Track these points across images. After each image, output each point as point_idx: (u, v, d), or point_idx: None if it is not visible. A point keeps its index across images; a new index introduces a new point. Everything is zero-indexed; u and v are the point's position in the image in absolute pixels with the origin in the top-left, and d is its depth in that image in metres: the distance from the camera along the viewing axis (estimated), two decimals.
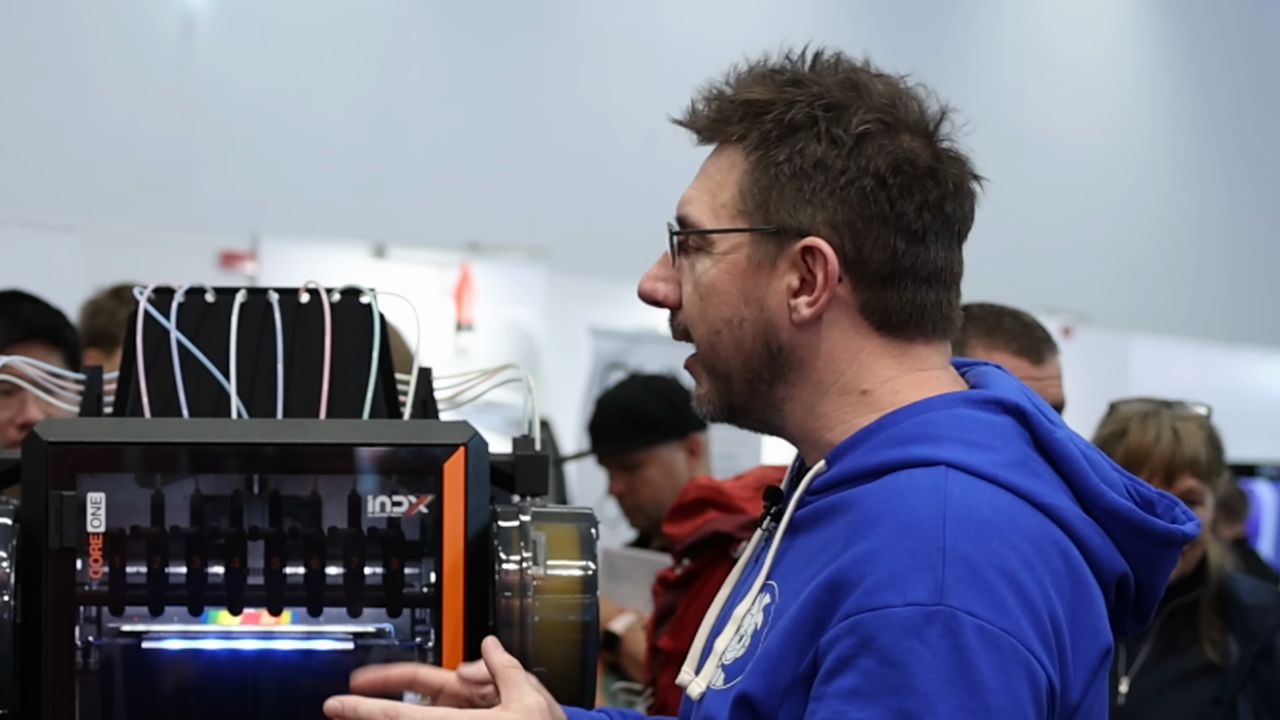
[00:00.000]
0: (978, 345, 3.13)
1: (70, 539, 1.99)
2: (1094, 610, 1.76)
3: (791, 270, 1.81)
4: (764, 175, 1.82)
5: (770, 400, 1.85)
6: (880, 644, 1.65)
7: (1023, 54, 11.80)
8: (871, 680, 1.65)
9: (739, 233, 1.83)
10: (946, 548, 1.67)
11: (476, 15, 9.25)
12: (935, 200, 1.82)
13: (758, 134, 1.82)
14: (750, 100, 1.83)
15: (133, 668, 2.09)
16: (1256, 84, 13.22)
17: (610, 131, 9.58)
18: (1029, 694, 1.66)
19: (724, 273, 1.83)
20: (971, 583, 1.66)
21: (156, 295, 2.18)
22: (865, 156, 1.80)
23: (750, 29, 9.76)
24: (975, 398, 1.82)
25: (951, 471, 1.73)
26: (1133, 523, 1.81)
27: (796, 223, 1.80)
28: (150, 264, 7.23)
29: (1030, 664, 1.67)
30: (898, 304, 1.82)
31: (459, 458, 2.01)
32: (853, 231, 1.80)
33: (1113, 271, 11.94)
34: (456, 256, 8.44)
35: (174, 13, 8.28)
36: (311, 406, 2.13)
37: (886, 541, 1.69)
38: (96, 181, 7.95)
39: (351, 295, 2.21)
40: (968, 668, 1.64)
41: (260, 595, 2.04)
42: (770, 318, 1.82)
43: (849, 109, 1.81)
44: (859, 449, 1.80)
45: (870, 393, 1.83)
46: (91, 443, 2.01)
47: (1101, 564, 1.79)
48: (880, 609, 1.66)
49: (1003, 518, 1.71)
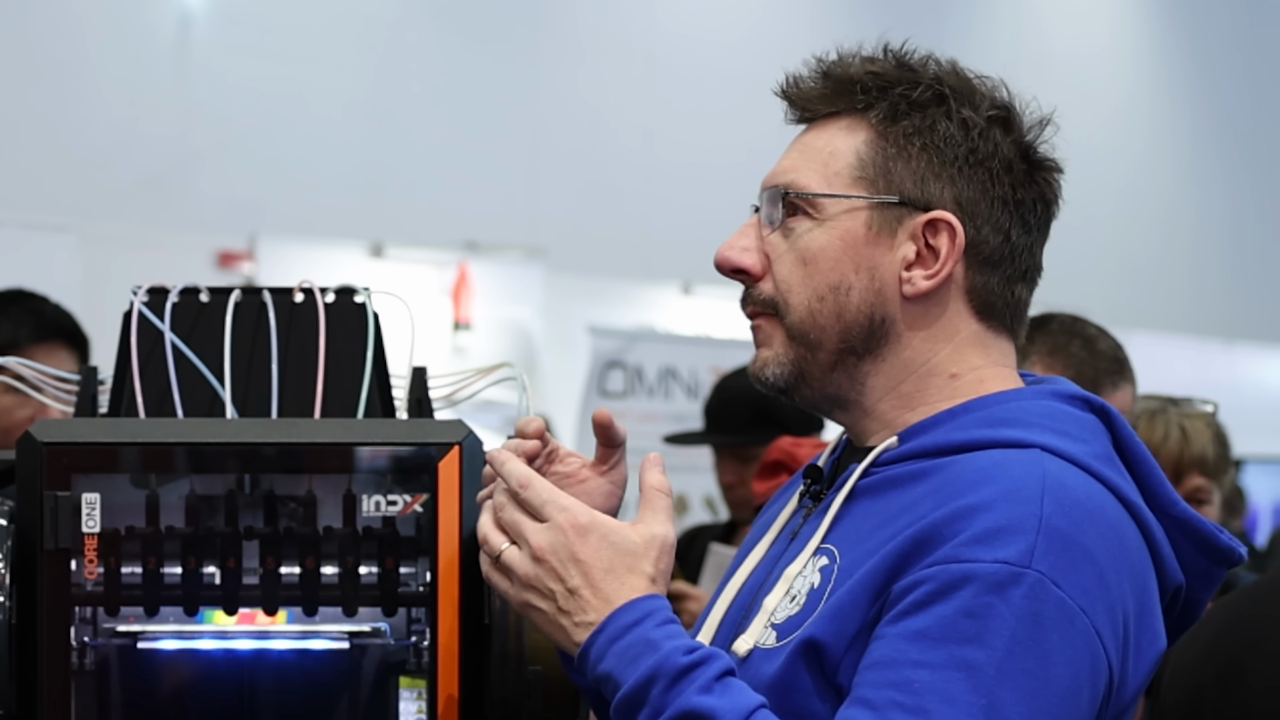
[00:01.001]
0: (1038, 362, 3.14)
1: (65, 540, 1.99)
2: (1156, 612, 1.76)
3: (910, 242, 1.81)
4: (891, 145, 1.82)
5: (854, 374, 1.84)
6: (961, 594, 1.64)
7: (1019, 51, 11.80)
8: (943, 626, 1.63)
9: (858, 199, 1.81)
10: (1044, 516, 1.66)
11: (474, 15, 9.24)
12: (1050, 197, 1.87)
13: (886, 104, 1.83)
14: (876, 73, 1.83)
15: (128, 668, 2.08)
16: (1254, 80, 13.22)
17: (608, 130, 9.58)
18: (1088, 677, 1.65)
19: (836, 238, 1.82)
20: (1061, 554, 1.65)
21: (151, 295, 2.18)
22: (994, 141, 1.82)
23: (748, 28, 9.77)
24: (1063, 392, 1.83)
25: (1046, 454, 1.73)
26: (1200, 535, 1.80)
27: (923, 195, 1.81)
28: (147, 264, 7.24)
29: (1096, 649, 1.66)
30: (1000, 292, 1.84)
31: (454, 456, 2.01)
32: (975, 211, 1.81)
33: (1110, 268, 11.94)
34: (454, 256, 8.44)
35: (171, 13, 8.27)
36: (306, 406, 2.13)
37: (984, 500, 1.67)
38: (94, 182, 7.95)
39: (346, 295, 2.21)
40: (1040, 634, 1.63)
41: (255, 595, 2.04)
42: (881, 287, 1.81)
43: (974, 94, 1.83)
44: (941, 428, 1.79)
45: (958, 378, 1.83)
46: (86, 443, 2.01)
47: (1167, 570, 1.78)
48: (968, 561, 1.65)
49: (1094, 502, 1.71)
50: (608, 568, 1.74)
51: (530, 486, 1.78)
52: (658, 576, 1.75)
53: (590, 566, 1.74)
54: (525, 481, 1.79)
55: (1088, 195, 11.92)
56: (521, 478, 1.79)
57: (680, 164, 9.29)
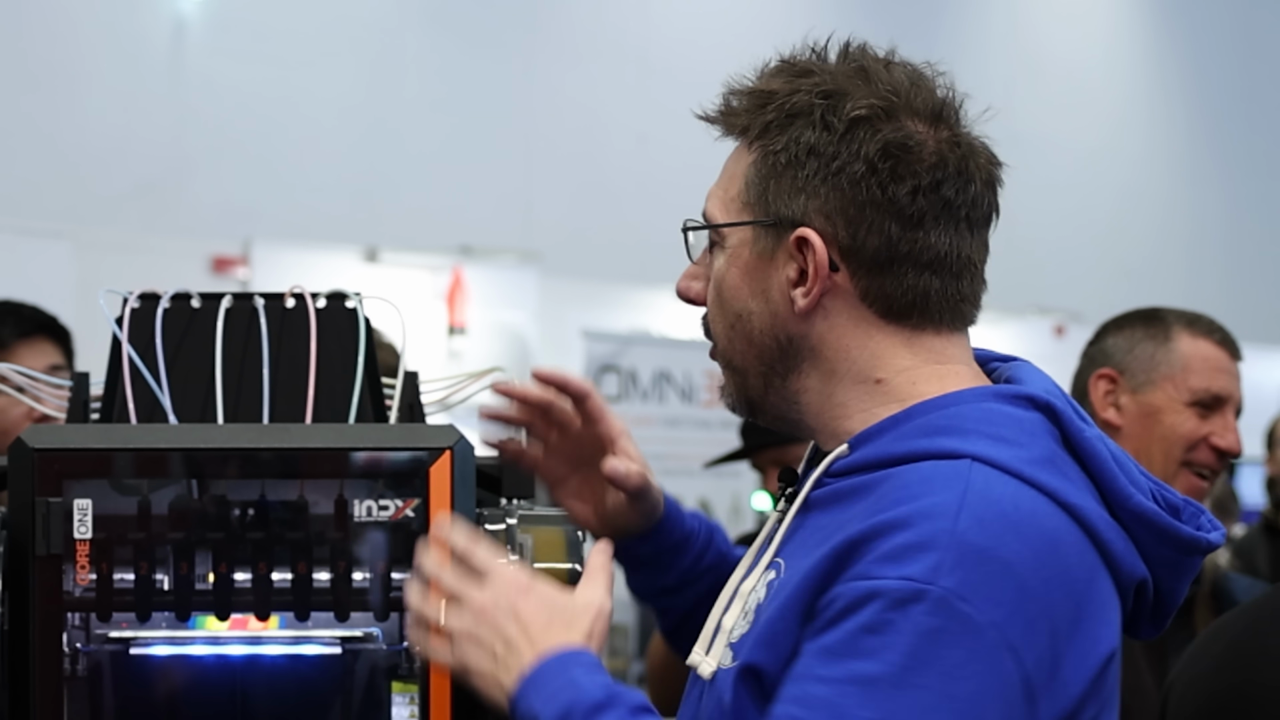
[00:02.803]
0: (1183, 332, 3.27)
1: (57, 546, 1.99)
2: (1104, 614, 1.74)
3: (790, 261, 1.81)
4: (764, 165, 1.81)
5: (785, 393, 1.85)
6: (865, 610, 1.64)
7: (1014, 53, 11.81)
8: (845, 642, 1.65)
9: (743, 226, 1.83)
10: (956, 532, 1.66)
11: (468, 20, 9.25)
12: (930, 184, 1.79)
13: (760, 124, 1.82)
14: (756, 91, 1.83)
15: (120, 674, 2.08)
16: (1248, 82, 13.23)
17: (602, 134, 9.58)
18: (998, 692, 1.65)
19: (734, 267, 1.84)
20: (971, 569, 1.65)
21: (142, 301, 2.18)
22: (857, 141, 1.78)
23: (741, 31, 9.77)
24: (1005, 393, 1.80)
25: (976, 464, 1.72)
26: (1158, 527, 1.79)
27: (791, 213, 1.80)
28: (142, 270, 7.24)
29: (1007, 661, 1.65)
30: (898, 290, 1.80)
31: (445, 461, 2.01)
32: (846, 218, 1.78)
33: (1106, 270, 11.94)
34: (448, 260, 8.45)
35: (165, 19, 8.27)
36: (297, 411, 2.13)
37: (900, 517, 1.67)
38: (88, 188, 7.95)
39: (337, 300, 2.20)
40: (940, 650, 1.63)
41: (248, 600, 2.04)
42: (775, 310, 1.82)
43: (847, 95, 1.79)
44: (885, 436, 1.78)
45: (885, 382, 1.82)
46: (78, 449, 2.01)
47: (1122, 567, 1.77)
48: (876, 578, 1.65)
49: (1022, 513, 1.70)
50: (545, 624, 1.77)
51: (475, 553, 1.82)
52: (593, 637, 1.78)
53: (529, 622, 1.77)
54: (471, 548, 1.82)
55: (1083, 198, 11.93)
56: (467, 544, 1.83)
57: (674, 168, 9.28)
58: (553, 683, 1.73)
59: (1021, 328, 10.72)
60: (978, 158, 1.84)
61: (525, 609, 1.78)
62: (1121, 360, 3.31)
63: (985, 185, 1.84)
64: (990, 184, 1.85)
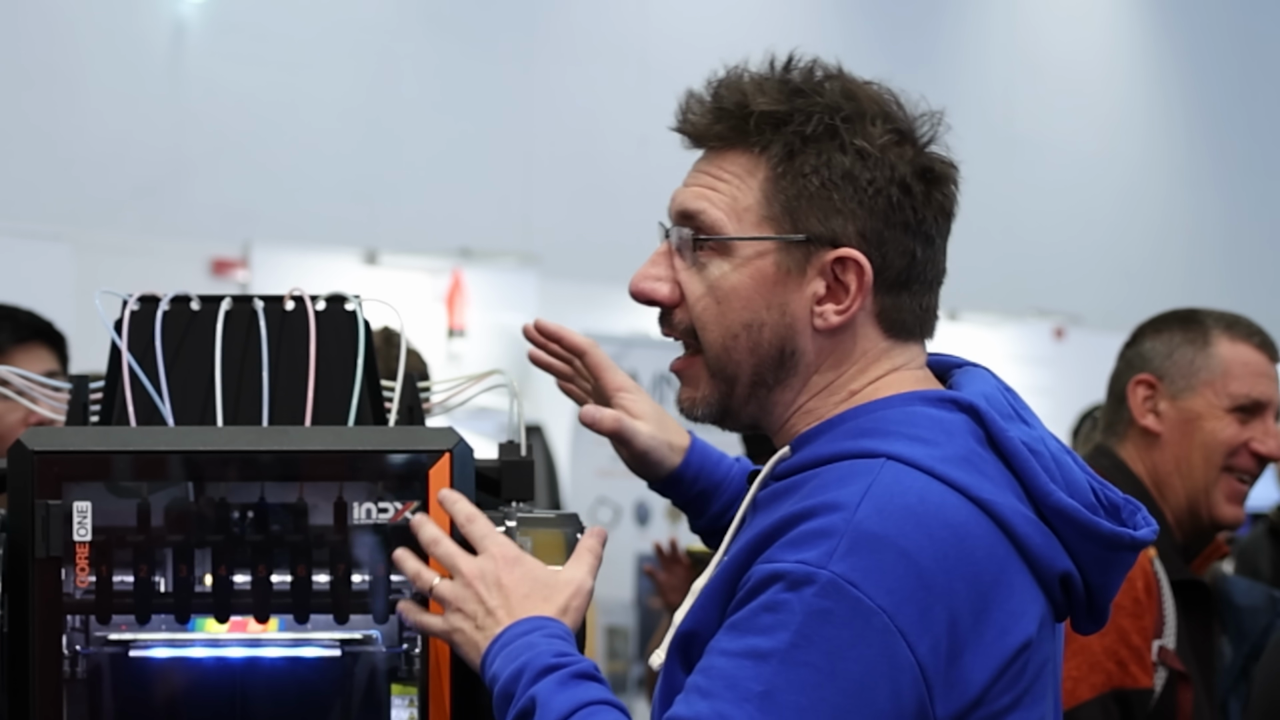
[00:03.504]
0: (1222, 336, 3.28)
1: (56, 548, 1.99)
2: (1016, 605, 1.80)
3: (819, 278, 1.87)
4: (791, 185, 1.86)
5: (764, 402, 1.92)
6: (767, 591, 1.74)
7: (1014, 55, 11.81)
8: (747, 618, 1.75)
9: (766, 240, 1.87)
10: (854, 522, 1.75)
11: (467, 22, 9.25)
12: (947, 205, 1.90)
13: (781, 144, 1.87)
14: (767, 111, 1.87)
15: (120, 677, 2.08)
16: (1248, 85, 13.24)
17: (602, 137, 9.59)
18: (886, 674, 1.72)
19: (747, 278, 1.88)
20: (864, 556, 1.73)
21: (142, 304, 2.18)
22: (889, 166, 1.86)
23: (741, 33, 9.77)
24: (932, 396, 1.88)
25: (889, 463, 1.80)
26: (1078, 522, 1.84)
27: (828, 232, 1.86)
28: (141, 272, 7.24)
29: (897, 647, 1.73)
30: (908, 309, 1.90)
31: (444, 464, 2.02)
32: (879, 240, 1.86)
33: (1105, 273, 11.95)
34: (448, 263, 8.45)
35: (165, 21, 8.28)
36: (297, 414, 2.13)
37: (809, 508, 1.77)
38: (87, 190, 7.95)
39: (337, 302, 2.21)
40: (828, 630, 1.72)
41: (247, 603, 2.04)
42: (791, 323, 1.88)
43: (864, 119, 1.86)
44: (821, 439, 1.88)
45: (857, 393, 1.90)
46: (77, 451, 2.01)
47: (1040, 561, 1.82)
48: (778, 562, 1.75)
49: (928, 505, 1.77)
50: (526, 594, 1.91)
51: (475, 521, 1.96)
52: (569, 612, 1.91)
53: (511, 592, 1.91)
54: (470, 516, 1.96)
55: (1082, 200, 11.94)
56: (467, 513, 1.96)
57: (674, 170, 9.25)
58: (515, 645, 1.86)
59: (1021, 330, 10.72)
60: (957, 173, 1.93)
61: (508, 580, 1.91)
62: (1160, 365, 3.32)
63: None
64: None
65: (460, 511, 1.97)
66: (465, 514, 1.96)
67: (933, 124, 1.90)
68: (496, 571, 1.91)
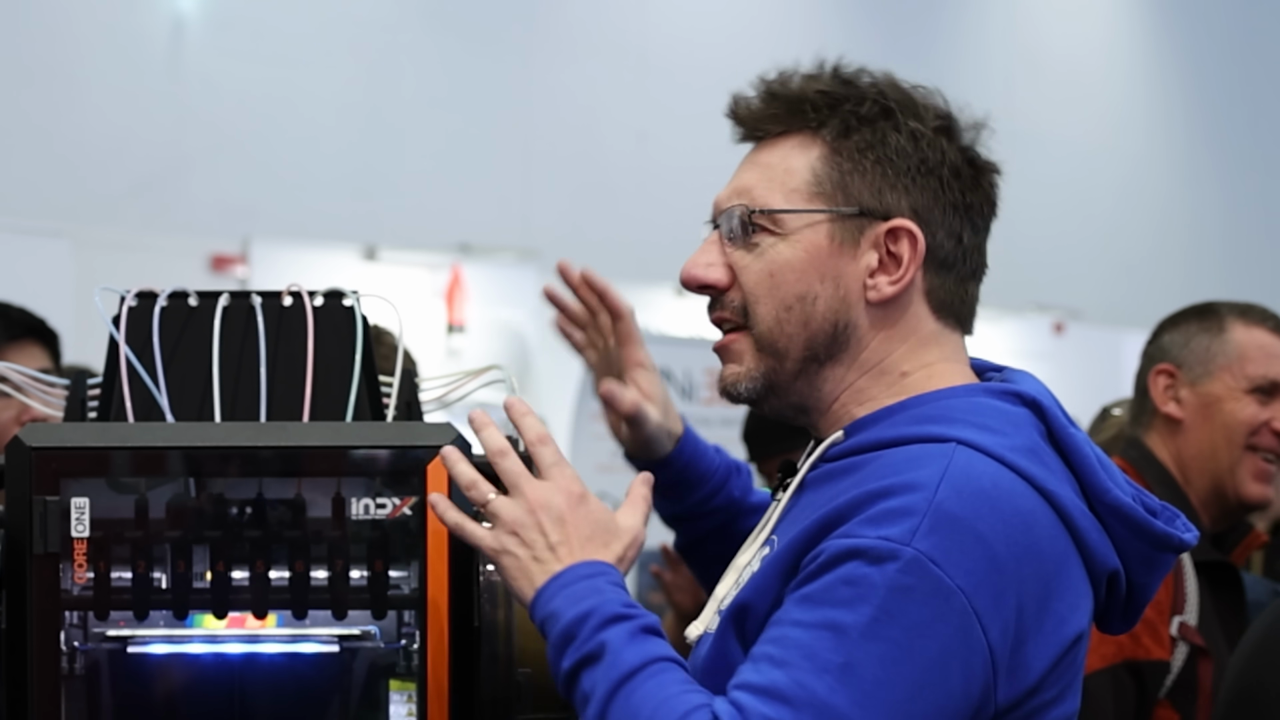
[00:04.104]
0: (1236, 322, 3.35)
1: (54, 544, 1.99)
2: (1072, 598, 1.82)
3: (873, 250, 1.91)
4: (845, 160, 1.91)
5: (813, 379, 1.94)
6: (846, 565, 1.75)
7: (1013, 50, 11.81)
8: (823, 590, 1.75)
9: (819, 213, 1.91)
10: (935, 502, 1.76)
11: (466, 17, 9.24)
12: (994, 198, 1.96)
13: (837, 121, 1.92)
14: (824, 91, 1.93)
15: (118, 673, 2.08)
16: (1247, 79, 13.23)
17: (601, 132, 9.58)
18: (960, 653, 1.74)
19: (800, 251, 1.91)
20: (946, 536, 1.75)
21: (140, 300, 2.18)
22: (941, 149, 1.92)
23: (741, 28, 9.77)
24: (996, 389, 1.91)
25: (960, 447, 1.82)
26: (1134, 521, 1.86)
27: (882, 205, 1.90)
28: (140, 268, 7.24)
29: (973, 628, 1.74)
30: (955, 291, 1.94)
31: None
32: (930, 218, 1.91)
33: (1105, 267, 11.94)
34: (447, 258, 8.45)
35: (164, 17, 8.27)
36: (295, 410, 2.13)
37: (887, 487, 1.78)
38: (87, 186, 7.94)
39: (335, 298, 2.20)
40: (909, 607, 1.73)
41: (245, 599, 2.04)
42: (845, 295, 1.91)
43: (917, 106, 1.93)
44: (880, 424, 1.89)
45: (909, 375, 1.93)
46: (75, 447, 2.01)
47: (1094, 557, 1.85)
48: (858, 537, 1.76)
49: (1000, 490, 1.79)
50: (588, 535, 1.88)
51: (547, 444, 1.92)
52: (624, 560, 1.89)
53: (574, 530, 1.87)
54: (543, 438, 1.92)
55: (1082, 195, 11.93)
56: (540, 434, 1.92)
57: (673, 166, 9.29)
58: (579, 587, 1.83)
59: (1020, 325, 10.72)
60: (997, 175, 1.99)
61: (572, 517, 1.88)
62: (1179, 354, 3.37)
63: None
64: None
65: (530, 429, 1.93)
66: (537, 434, 1.92)
67: (976, 127, 1.97)
68: (562, 505, 1.88)
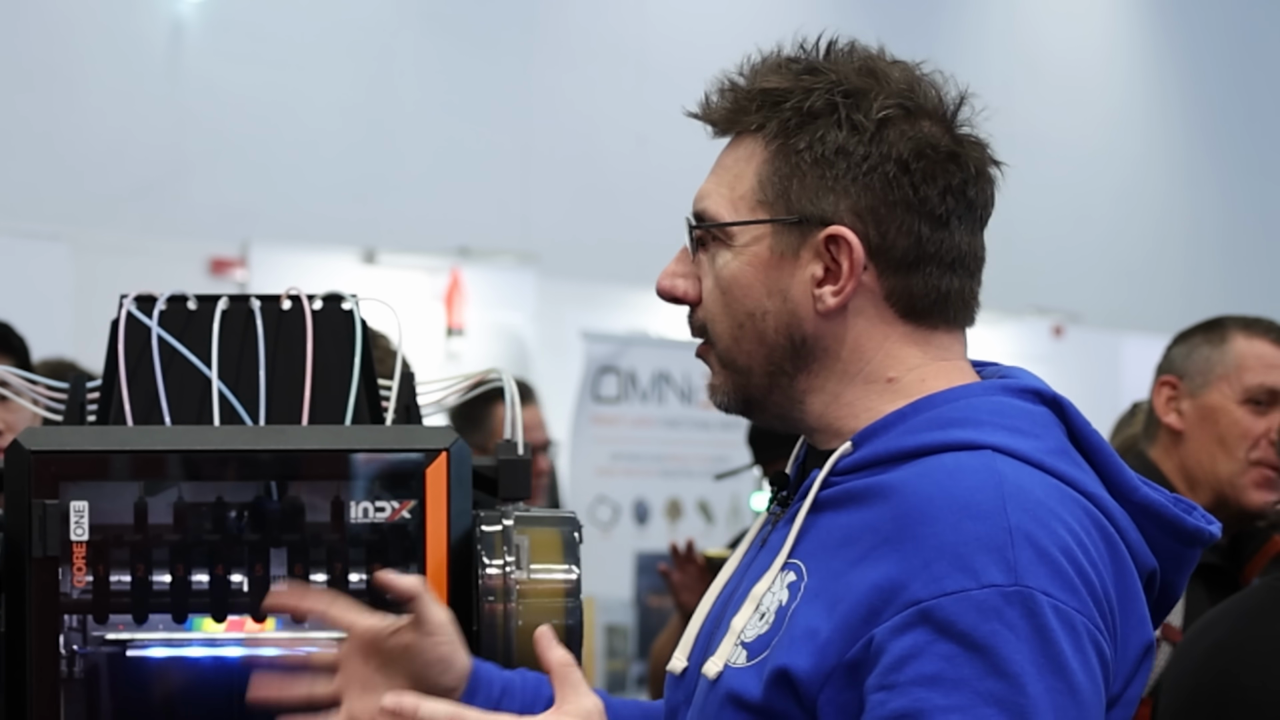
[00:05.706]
0: (1239, 334, 3.37)
1: (54, 548, 1.99)
2: (1137, 600, 1.75)
3: (815, 260, 1.79)
4: (784, 164, 1.80)
5: (791, 393, 1.83)
6: (960, 629, 1.62)
7: (1012, 53, 11.81)
8: (955, 665, 1.61)
9: (760, 224, 1.81)
10: (1012, 528, 1.64)
11: (466, 21, 9.25)
12: (958, 185, 1.80)
13: (776, 123, 1.80)
14: (767, 89, 1.81)
15: (117, 676, 2.08)
16: (1246, 83, 13.23)
17: (600, 136, 9.58)
18: (1101, 673, 1.66)
19: (746, 265, 1.81)
20: (1041, 562, 1.63)
21: (139, 303, 2.18)
22: (887, 142, 1.78)
23: (740, 32, 9.75)
24: (1013, 386, 1.81)
25: (998, 455, 1.71)
26: (1164, 518, 1.79)
27: (819, 211, 1.78)
28: (140, 271, 7.24)
29: (1100, 642, 1.66)
30: (922, 290, 1.80)
31: (441, 463, 2.01)
32: (876, 218, 1.78)
33: (1104, 271, 11.94)
34: (446, 262, 8.45)
35: (163, 20, 8.27)
36: (294, 413, 2.13)
37: (948, 524, 1.65)
38: (86, 189, 7.95)
39: (334, 302, 2.20)
40: (1051, 648, 1.62)
41: (244, 602, 2.04)
42: (794, 309, 1.80)
43: (868, 95, 1.79)
44: (890, 431, 1.77)
45: (896, 380, 1.81)
46: (74, 451, 2.01)
47: (1138, 557, 1.77)
48: (955, 593, 1.62)
49: (1053, 500, 1.69)
50: None
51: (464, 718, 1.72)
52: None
53: None
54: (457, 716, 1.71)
55: (1082, 198, 11.93)
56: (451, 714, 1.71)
57: (672, 169, 9.27)
58: None
59: (1019, 328, 10.72)
60: (988, 157, 1.85)
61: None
62: (1181, 366, 3.40)
63: (992, 184, 1.86)
64: (994, 182, 1.87)
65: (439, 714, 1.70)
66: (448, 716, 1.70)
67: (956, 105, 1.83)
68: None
